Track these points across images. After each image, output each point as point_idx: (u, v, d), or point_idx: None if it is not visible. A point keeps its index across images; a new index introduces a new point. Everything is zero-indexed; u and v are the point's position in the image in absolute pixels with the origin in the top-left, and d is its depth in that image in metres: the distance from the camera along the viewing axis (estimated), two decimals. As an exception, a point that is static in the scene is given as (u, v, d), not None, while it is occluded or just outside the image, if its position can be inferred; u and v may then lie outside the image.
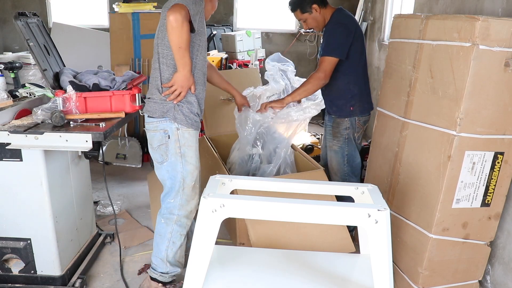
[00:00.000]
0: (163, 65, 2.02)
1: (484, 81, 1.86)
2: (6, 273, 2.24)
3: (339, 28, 2.58)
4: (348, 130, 2.73)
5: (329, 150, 2.83)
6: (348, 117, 2.71)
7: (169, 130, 2.02)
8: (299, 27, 6.19)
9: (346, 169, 2.80)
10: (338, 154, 2.78)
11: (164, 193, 2.16)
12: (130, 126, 4.22)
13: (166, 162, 2.06)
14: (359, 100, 2.71)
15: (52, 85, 2.30)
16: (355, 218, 1.59)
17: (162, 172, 2.12)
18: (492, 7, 2.33)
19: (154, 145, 2.09)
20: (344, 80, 2.67)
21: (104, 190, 3.49)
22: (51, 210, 2.14)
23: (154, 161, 2.14)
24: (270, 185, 1.96)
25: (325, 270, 1.90)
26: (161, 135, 2.04)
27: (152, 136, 2.08)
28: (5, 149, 2.00)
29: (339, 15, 2.64)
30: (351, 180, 2.81)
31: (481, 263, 2.21)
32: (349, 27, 2.59)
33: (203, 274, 1.68)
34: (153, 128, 2.07)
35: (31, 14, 2.36)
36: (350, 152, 2.77)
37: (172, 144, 2.03)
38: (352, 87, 2.69)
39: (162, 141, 2.04)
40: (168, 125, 2.02)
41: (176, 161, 2.05)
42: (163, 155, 2.06)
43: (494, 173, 2.02)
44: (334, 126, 2.77)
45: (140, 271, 2.51)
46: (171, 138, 2.03)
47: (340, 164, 2.79)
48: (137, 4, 4.38)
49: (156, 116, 2.04)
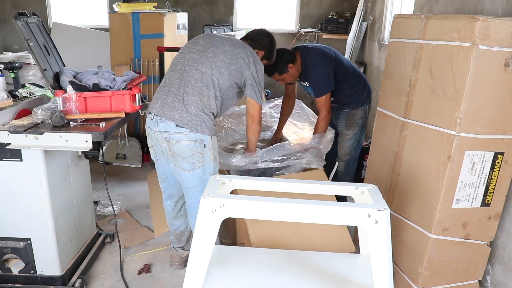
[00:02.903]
0: (217, 98, 2.15)
1: (484, 81, 1.86)
2: (6, 273, 2.24)
3: (317, 69, 2.77)
4: (362, 119, 3.04)
5: (341, 139, 3.11)
6: (361, 106, 3.01)
7: (205, 140, 2.10)
8: (299, 27, 6.19)
9: (354, 153, 3.14)
10: (351, 141, 3.08)
11: (196, 200, 2.16)
12: (130, 126, 4.22)
13: (200, 169, 2.12)
14: (364, 89, 3.00)
15: (52, 85, 2.30)
16: (355, 218, 1.59)
17: (193, 179, 2.14)
18: (492, 7, 2.32)
19: (185, 154, 2.09)
20: (347, 87, 2.93)
21: (104, 190, 3.49)
22: (51, 210, 2.14)
23: (180, 170, 2.13)
24: (270, 185, 1.96)
25: (325, 270, 1.90)
26: (195, 145, 2.09)
27: (184, 146, 2.08)
28: (5, 149, 2.00)
29: (310, 58, 2.80)
30: (354, 164, 3.21)
31: (481, 263, 2.21)
32: (323, 59, 2.79)
33: (203, 274, 1.67)
34: (187, 139, 2.07)
35: (31, 14, 2.36)
36: (361, 138, 3.12)
37: (208, 152, 2.13)
38: (356, 86, 2.96)
39: (196, 150, 2.09)
40: (202, 136, 2.09)
41: (210, 166, 2.16)
42: (195, 163, 2.11)
43: (494, 173, 2.02)
44: (348, 118, 3.03)
45: (140, 271, 2.51)
46: (207, 147, 2.12)
47: (351, 148, 3.11)
48: (137, 4, 4.38)
49: (189, 127, 2.06)
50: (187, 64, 2.16)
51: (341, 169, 3.23)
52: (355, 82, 2.95)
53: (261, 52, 2.42)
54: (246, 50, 2.22)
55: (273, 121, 3.23)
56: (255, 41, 2.40)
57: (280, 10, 6.33)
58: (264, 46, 2.42)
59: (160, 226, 2.86)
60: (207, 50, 2.17)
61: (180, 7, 5.18)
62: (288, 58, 2.75)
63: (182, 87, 2.12)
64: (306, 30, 6.07)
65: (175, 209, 2.44)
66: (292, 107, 3.08)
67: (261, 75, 2.26)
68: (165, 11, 4.33)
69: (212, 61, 2.14)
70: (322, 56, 2.82)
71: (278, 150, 2.54)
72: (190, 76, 2.12)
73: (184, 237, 2.52)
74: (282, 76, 2.78)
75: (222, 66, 2.14)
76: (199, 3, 6.15)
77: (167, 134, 2.09)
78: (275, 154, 2.52)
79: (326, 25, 5.96)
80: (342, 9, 6.13)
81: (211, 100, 2.12)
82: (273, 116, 3.27)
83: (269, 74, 2.78)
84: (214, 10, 6.19)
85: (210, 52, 2.16)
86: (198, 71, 2.13)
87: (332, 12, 6.07)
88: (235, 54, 2.17)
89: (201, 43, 2.23)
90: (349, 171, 3.21)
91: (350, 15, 5.93)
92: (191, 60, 2.17)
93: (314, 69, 2.77)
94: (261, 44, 2.41)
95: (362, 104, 3.00)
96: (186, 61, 2.18)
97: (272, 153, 2.51)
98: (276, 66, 2.71)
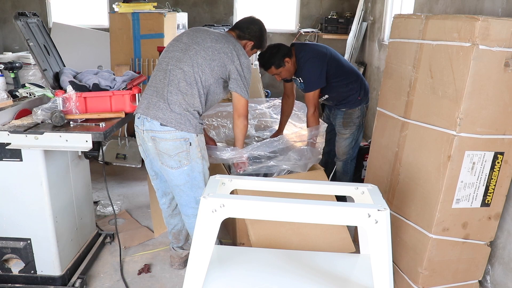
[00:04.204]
0: (201, 96, 2.16)
1: (484, 81, 1.86)
2: (6, 273, 2.24)
3: (308, 65, 2.79)
4: (359, 118, 3.05)
5: (339, 138, 3.13)
6: (358, 106, 3.01)
7: (190, 138, 2.11)
8: (299, 27, 6.19)
9: (352, 152, 3.14)
10: (349, 140, 3.09)
11: (186, 197, 2.20)
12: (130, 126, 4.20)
13: (187, 166, 2.13)
14: (360, 88, 3.00)
15: (52, 85, 2.30)
16: (355, 218, 1.59)
17: (181, 176, 2.15)
18: (492, 7, 2.32)
19: (171, 152, 2.10)
20: (342, 85, 2.93)
21: (104, 190, 3.49)
22: (51, 210, 2.14)
23: (167, 167, 2.14)
24: (270, 185, 1.96)
25: (325, 270, 1.90)
26: (181, 143, 2.10)
27: (170, 145, 2.09)
28: (5, 149, 2.00)
29: (303, 54, 2.82)
30: (352, 163, 3.20)
31: (481, 263, 2.21)
32: (316, 56, 2.82)
33: (203, 274, 1.67)
34: (171, 138, 2.09)
35: (31, 14, 2.36)
36: (359, 137, 3.11)
37: (194, 150, 2.13)
38: (351, 84, 2.96)
39: (182, 148, 2.10)
40: (187, 134, 2.10)
41: (197, 164, 2.16)
42: (182, 161, 2.12)
43: (494, 173, 2.02)
44: (345, 117, 3.04)
45: (140, 271, 2.51)
46: (193, 145, 2.12)
47: (348, 147, 3.11)
48: (137, 4, 4.38)
49: (174, 126, 2.07)
50: (171, 63, 2.17)
51: (339, 169, 3.24)
52: (350, 81, 2.95)
53: (250, 42, 2.36)
54: (229, 44, 2.19)
55: (272, 121, 3.23)
56: (244, 31, 2.34)
57: (280, 10, 6.33)
58: (253, 36, 2.35)
59: (160, 226, 2.86)
60: (189, 48, 2.17)
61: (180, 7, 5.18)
62: (285, 52, 2.76)
63: (166, 86, 2.12)
64: (306, 30, 6.08)
65: (170, 207, 2.45)
66: (292, 107, 3.08)
67: (246, 69, 2.22)
68: (165, 11, 4.33)
69: (194, 59, 2.13)
70: (315, 52, 2.84)
71: (266, 146, 2.50)
72: (174, 76, 2.13)
73: (182, 236, 2.52)
74: (279, 70, 2.78)
75: (203, 63, 2.13)
76: (199, 3, 6.16)
77: (153, 132, 2.10)
78: (263, 150, 2.49)
79: (326, 25, 5.97)
80: (342, 9, 6.13)
81: (195, 99, 2.13)
82: (272, 116, 3.27)
83: (265, 68, 2.80)
84: (214, 10, 6.20)
85: (192, 50, 2.16)
86: (181, 70, 2.13)
87: (332, 12, 6.07)
88: (217, 49, 2.16)
89: (184, 41, 2.22)
90: (347, 170, 3.21)
91: (350, 15, 5.93)
92: (174, 59, 2.17)
93: (305, 64, 2.79)
94: (249, 34, 2.34)
95: (359, 104, 3.01)
96: (170, 60, 2.18)
97: (260, 149, 2.48)
98: (273, 59, 2.73)
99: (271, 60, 2.74)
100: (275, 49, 2.74)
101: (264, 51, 2.68)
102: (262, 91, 4.25)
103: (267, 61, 2.75)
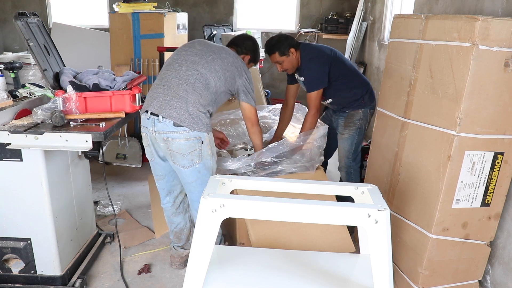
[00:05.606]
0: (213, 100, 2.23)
1: (484, 81, 1.86)
2: (6, 273, 2.24)
3: (311, 63, 2.78)
4: (361, 120, 2.97)
5: (338, 139, 3.06)
6: (361, 108, 2.95)
7: (202, 137, 2.16)
8: (299, 27, 6.19)
9: (351, 156, 3.03)
10: (348, 141, 3.00)
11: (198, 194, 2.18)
12: (130, 126, 4.22)
13: (199, 164, 2.19)
14: (365, 92, 2.96)
15: (52, 85, 2.30)
16: (355, 218, 1.59)
17: (193, 174, 2.20)
18: (492, 7, 2.33)
19: (184, 152, 2.14)
20: (347, 89, 2.91)
21: (104, 190, 3.49)
22: (51, 210, 2.14)
23: (179, 167, 2.18)
24: (270, 185, 1.96)
25: (325, 270, 1.89)
26: (194, 142, 2.14)
27: (183, 144, 2.13)
28: (5, 149, 2.00)
29: (307, 52, 2.81)
30: (353, 165, 3.08)
31: (481, 263, 2.21)
32: (319, 56, 2.80)
33: (203, 274, 1.67)
34: (185, 137, 2.12)
35: (31, 14, 2.36)
36: (358, 141, 3.01)
37: (205, 148, 2.19)
38: (356, 89, 2.93)
39: (194, 147, 2.15)
40: (199, 133, 2.15)
41: (208, 161, 2.23)
42: (194, 159, 2.17)
43: (494, 173, 2.02)
44: (347, 118, 2.99)
45: (140, 271, 2.51)
46: (204, 143, 2.18)
47: (347, 151, 3.02)
48: (137, 4, 4.38)
49: (187, 125, 2.11)
50: (185, 64, 2.21)
51: (343, 180, 3.16)
52: (355, 85, 2.91)
53: (247, 56, 2.54)
54: (238, 59, 2.35)
55: (272, 122, 3.22)
56: (240, 47, 2.52)
57: (280, 10, 6.33)
58: (249, 50, 2.54)
59: (161, 227, 2.86)
60: (206, 54, 2.25)
61: (180, 7, 5.18)
62: (292, 42, 2.76)
63: (181, 86, 2.16)
64: (306, 30, 6.08)
65: (174, 205, 2.45)
66: (291, 116, 3.02)
67: (250, 81, 2.38)
68: (165, 11, 4.33)
69: (211, 64, 2.21)
70: (319, 52, 2.83)
71: (271, 152, 2.54)
72: (189, 76, 2.17)
73: (183, 235, 2.53)
74: (282, 58, 2.76)
75: (220, 71, 2.23)
76: (199, 3, 6.16)
77: (165, 133, 2.12)
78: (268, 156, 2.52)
79: (326, 25, 5.97)
80: (342, 9, 6.13)
81: (208, 101, 2.19)
82: (272, 118, 3.26)
83: (270, 53, 2.79)
84: (214, 10, 6.20)
85: (209, 56, 2.24)
86: (197, 71, 2.19)
87: (332, 12, 6.07)
88: (230, 62, 2.28)
89: (198, 48, 2.30)
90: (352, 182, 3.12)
91: (350, 15, 5.93)
92: (188, 61, 2.23)
93: (308, 63, 2.79)
94: (246, 49, 2.53)
95: (362, 106, 2.94)
96: (183, 62, 2.23)
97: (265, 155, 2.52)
98: (279, 44, 2.75)
99: (277, 45, 2.75)
100: (283, 36, 2.78)
101: (273, 36, 2.81)
102: (262, 91, 4.25)
103: (274, 45, 2.76)
